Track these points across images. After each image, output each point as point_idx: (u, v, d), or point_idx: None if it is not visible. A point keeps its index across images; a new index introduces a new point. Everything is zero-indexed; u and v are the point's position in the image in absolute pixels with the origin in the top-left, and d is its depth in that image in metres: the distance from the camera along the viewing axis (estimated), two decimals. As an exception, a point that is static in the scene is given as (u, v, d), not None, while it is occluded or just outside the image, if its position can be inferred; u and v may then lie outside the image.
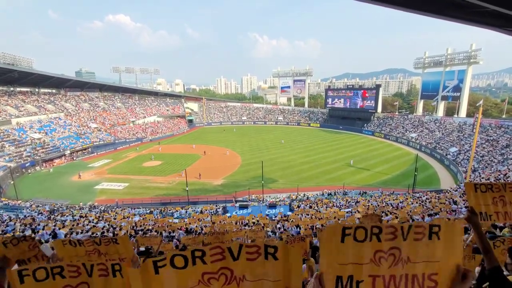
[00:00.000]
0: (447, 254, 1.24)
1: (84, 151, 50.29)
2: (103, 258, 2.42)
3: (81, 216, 20.29)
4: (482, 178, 28.91)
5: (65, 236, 13.21)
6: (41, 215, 20.76)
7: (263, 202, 27.09)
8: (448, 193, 23.75)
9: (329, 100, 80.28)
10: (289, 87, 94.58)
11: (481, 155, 37.13)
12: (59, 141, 49.02)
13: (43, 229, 14.06)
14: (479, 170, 33.30)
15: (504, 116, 56.46)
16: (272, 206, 25.49)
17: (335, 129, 72.16)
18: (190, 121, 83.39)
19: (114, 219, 19.58)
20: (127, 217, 20.34)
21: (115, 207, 26.48)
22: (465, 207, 15.32)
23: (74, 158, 47.36)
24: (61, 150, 46.89)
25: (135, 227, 15.86)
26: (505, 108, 61.62)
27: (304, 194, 29.98)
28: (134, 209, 25.42)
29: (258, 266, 1.32)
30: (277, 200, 28.17)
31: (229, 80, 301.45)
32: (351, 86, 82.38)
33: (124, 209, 25.39)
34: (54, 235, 13.10)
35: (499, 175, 27.23)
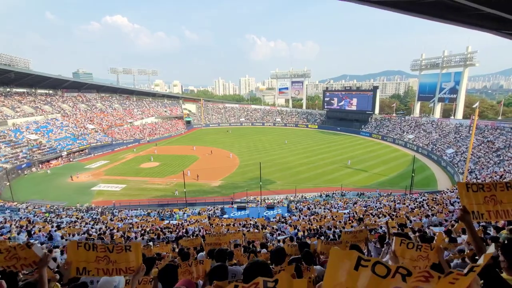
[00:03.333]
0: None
1: (81, 152, 50.02)
2: (110, 266, 2.40)
3: (77, 218, 20.15)
4: (479, 179, 29.10)
5: (61, 238, 13.11)
6: (37, 217, 20.56)
7: (261, 204, 27.05)
8: (445, 194, 23.88)
9: (327, 102, 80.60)
10: (287, 88, 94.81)
11: (477, 156, 37.39)
12: (56, 142, 48.70)
13: (39, 231, 13.93)
14: (476, 171, 33.52)
15: (500, 118, 56.95)
16: (270, 207, 25.48)
17: (333, 130, 72.34)
18: (188, 122, 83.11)
19: (111, 220, 19.46)
20: (124, 219, 20.23)
21: (112, 209, 26.32)
22: (457, 208, 15.38)
23: (71, 159, 47.06)
24: (58, 151, 46.56)
25: (132, 229, 15.76)
26: (501, 110, 62.22)
27: (302, 195, 30.01)
28: (131, 210, 25.29)
29: None
30: (275, 201, 28.15)
31: (227, 82, 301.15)
32: (349, 88, 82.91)
33: (121, 210, 25.25)
34: (50, 237, 13.00)
35: (495, 176, 27.44)
